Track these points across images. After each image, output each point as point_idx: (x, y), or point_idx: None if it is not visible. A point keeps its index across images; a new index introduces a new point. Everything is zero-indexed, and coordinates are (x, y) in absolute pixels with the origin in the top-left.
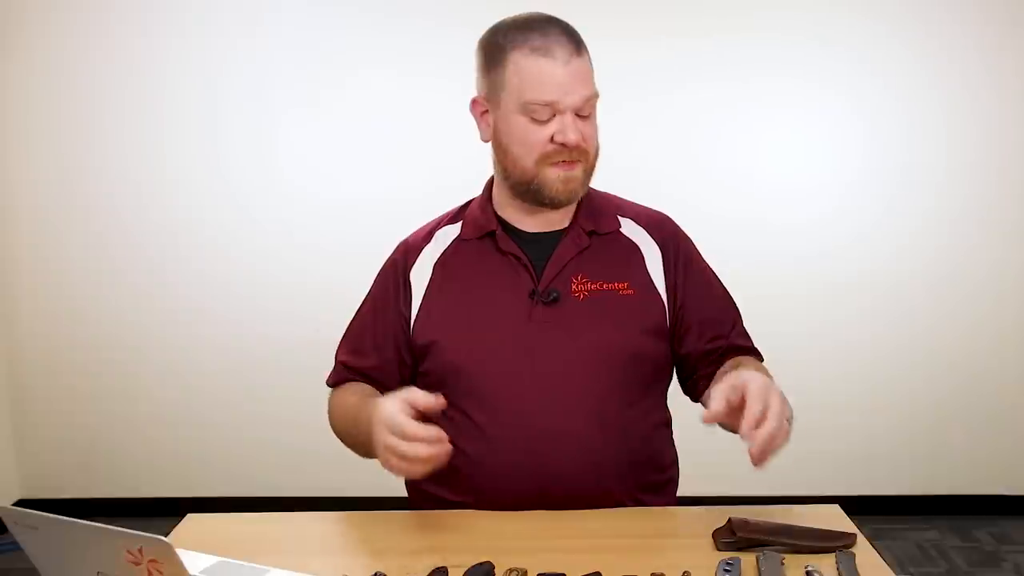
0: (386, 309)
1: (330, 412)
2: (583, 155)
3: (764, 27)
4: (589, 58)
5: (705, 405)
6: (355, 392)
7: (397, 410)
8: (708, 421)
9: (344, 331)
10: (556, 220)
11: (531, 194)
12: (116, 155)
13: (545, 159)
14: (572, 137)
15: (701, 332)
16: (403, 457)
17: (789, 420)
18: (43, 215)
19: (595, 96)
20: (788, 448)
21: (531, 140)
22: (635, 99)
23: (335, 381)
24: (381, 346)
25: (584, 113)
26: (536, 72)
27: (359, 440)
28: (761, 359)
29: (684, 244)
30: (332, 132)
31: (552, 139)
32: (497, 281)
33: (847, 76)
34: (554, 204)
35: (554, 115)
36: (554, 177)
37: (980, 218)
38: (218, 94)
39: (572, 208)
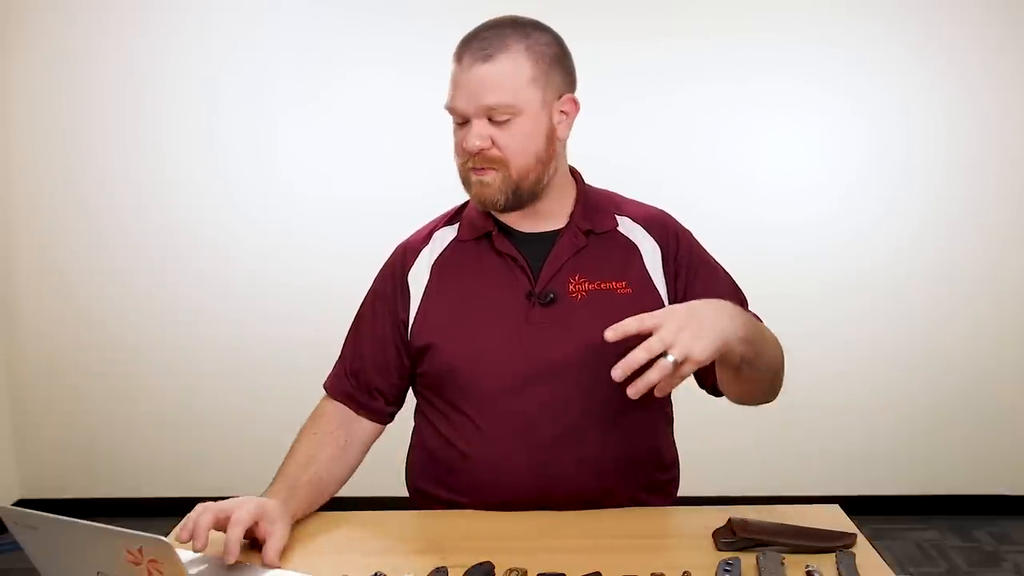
0: (384, 313)
1: (304, 426)
2: (496, 163)
3: (763, 28)
4: (522, 64)
5: (715, 392)
6: (306, 451)
7: (239, 517)
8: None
9: (347, 331)
10: (552, 220)
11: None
12: (116, 155)
13: (464, 164)
14: (470, 142)
15: None
16: (188, 531)
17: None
18: (44, 215)
19: (506, 105)
20: (788, 448)
21: (454, 144)
22: (634, 99)
23: (328, 386)
24: (377, 351)
25: (498, 119)
26: (451, 78)
27: None
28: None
29: (685, 240)
30: (332, 132)
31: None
32: (494, 282)
33: (846, 77)
34: (486, 209)
35: (468, 121)
36: (473, 181)
37: (979, 219)
38: (218, 94)
39: (569, 207)
